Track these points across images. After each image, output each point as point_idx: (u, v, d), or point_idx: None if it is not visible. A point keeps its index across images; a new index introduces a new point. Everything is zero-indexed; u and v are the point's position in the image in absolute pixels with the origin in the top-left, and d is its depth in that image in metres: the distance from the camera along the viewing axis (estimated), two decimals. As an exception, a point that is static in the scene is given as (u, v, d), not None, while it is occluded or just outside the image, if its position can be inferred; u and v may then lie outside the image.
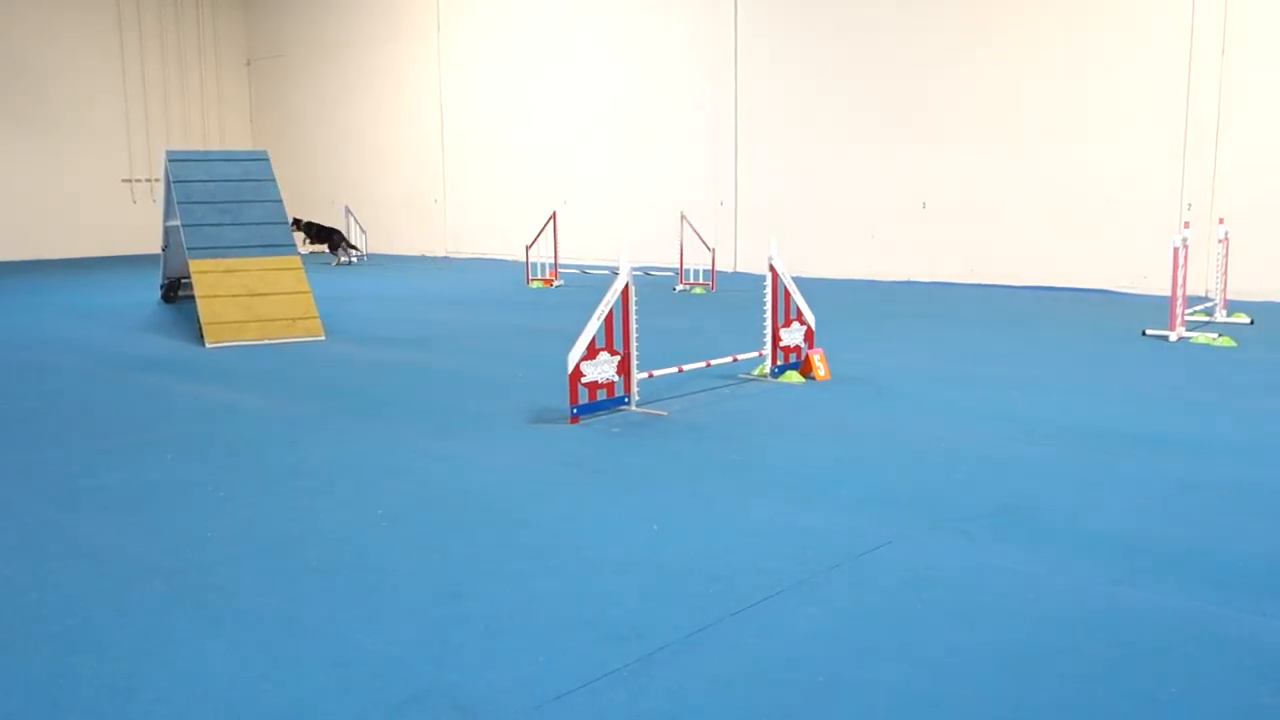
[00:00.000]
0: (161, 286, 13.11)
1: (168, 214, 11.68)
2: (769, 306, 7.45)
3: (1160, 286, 11.54)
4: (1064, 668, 3.08)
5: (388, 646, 3.28)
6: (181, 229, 10.50)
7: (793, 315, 7.62)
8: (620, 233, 17.22)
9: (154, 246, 14.24)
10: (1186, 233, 9.45)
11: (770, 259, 7.48)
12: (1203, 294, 11.66)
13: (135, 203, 22.69)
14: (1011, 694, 2.93)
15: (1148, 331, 9.41)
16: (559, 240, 15.37)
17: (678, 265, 14.50)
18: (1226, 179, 12.26)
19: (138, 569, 3.98)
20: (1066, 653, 3.18)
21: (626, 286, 6.45)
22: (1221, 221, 10.68)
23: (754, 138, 16.31)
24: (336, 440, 6.02)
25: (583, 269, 16.33)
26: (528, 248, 15.29)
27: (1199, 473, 5.09)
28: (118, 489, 5.09)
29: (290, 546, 4.21)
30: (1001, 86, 13.82)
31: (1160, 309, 10.04)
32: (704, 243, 14.22)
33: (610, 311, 6.36)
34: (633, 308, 6.49)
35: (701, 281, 14.14)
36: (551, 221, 15.16)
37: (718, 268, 14.66)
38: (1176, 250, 9.12)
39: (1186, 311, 9.49)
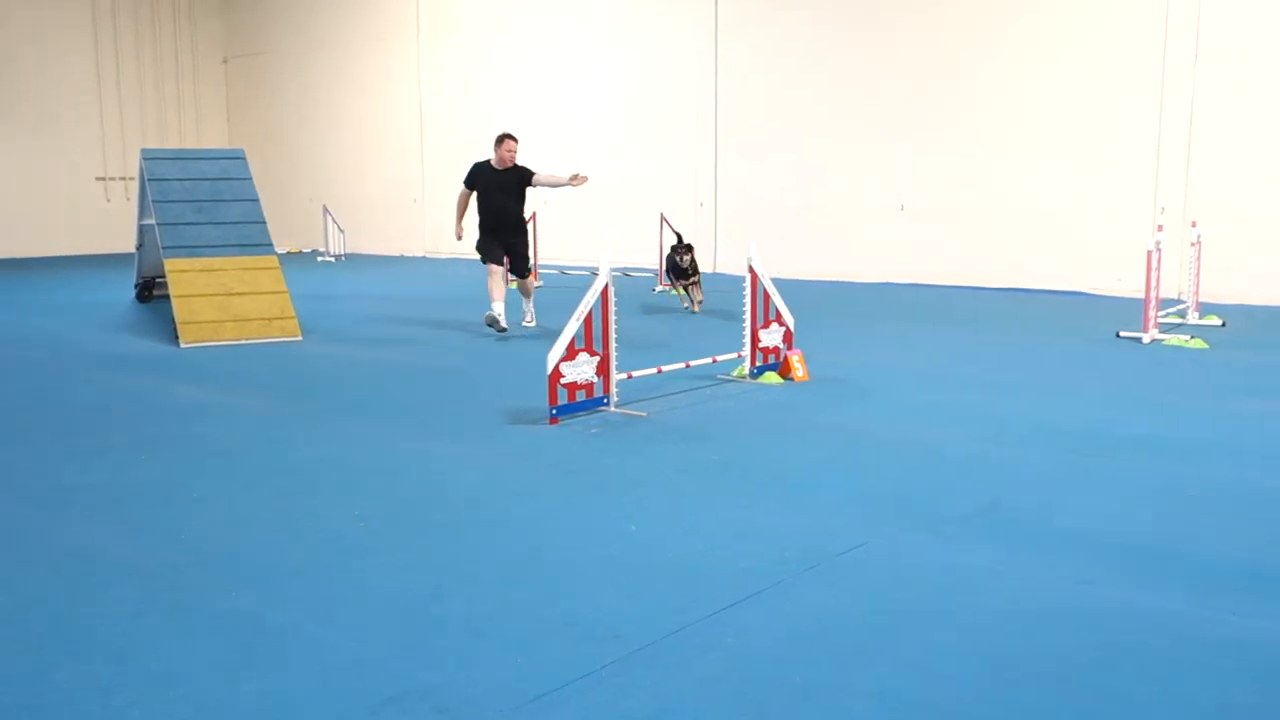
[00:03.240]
0: (136, 286, 13.01)
1: (143, 212, 11.59)
2: (748, 307, 7.46)
3: (1134, 289, 11.62)
4: (1042, 667, 3.10)
5: (366, 648, 3.26)
6: (157, 228, 10.43)
7: (771, 316, 7.64)
8: (600, 233, 17.21)
9: (128, 245, 14.14)
10: (1160, 236, 9.53)
11: (749, 260, 7.49)
12: (1175, 296, 11.76)
13: (109, 201, 22.50)
14: (989, 694, 2.95)
15: (1122, 334, 9.48)
16: (538, 241, 15.34)
17: (657, 266, 14.50)
18: (1199, 183, 12.37)
19: (113, 570, 3.95)
20: (1044, 652, 3.20)
21: (606, 287, 6.45)
22: (1194, 225, 10.77)
23: (733, 139, 16.34)
24: (314, 441, 5.99)
25: (562, 269, 16.31)
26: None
27: (1173, 473, 5.13)
28: (92, 489, 5.04)
29: (268, 547, 4.19)
30: (979, 90, 13.89)
31: (1134, 311, 10.12)
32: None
33: (589, 312, 6.35)
34: (612, 308, 6.49)
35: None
36: (531, 221, 15.12)
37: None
38: (1150, 253, 9.19)
39: (1160, 314, 9.56)
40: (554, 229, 17.38)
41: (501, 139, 10.27)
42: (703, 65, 16.49)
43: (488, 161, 10.34)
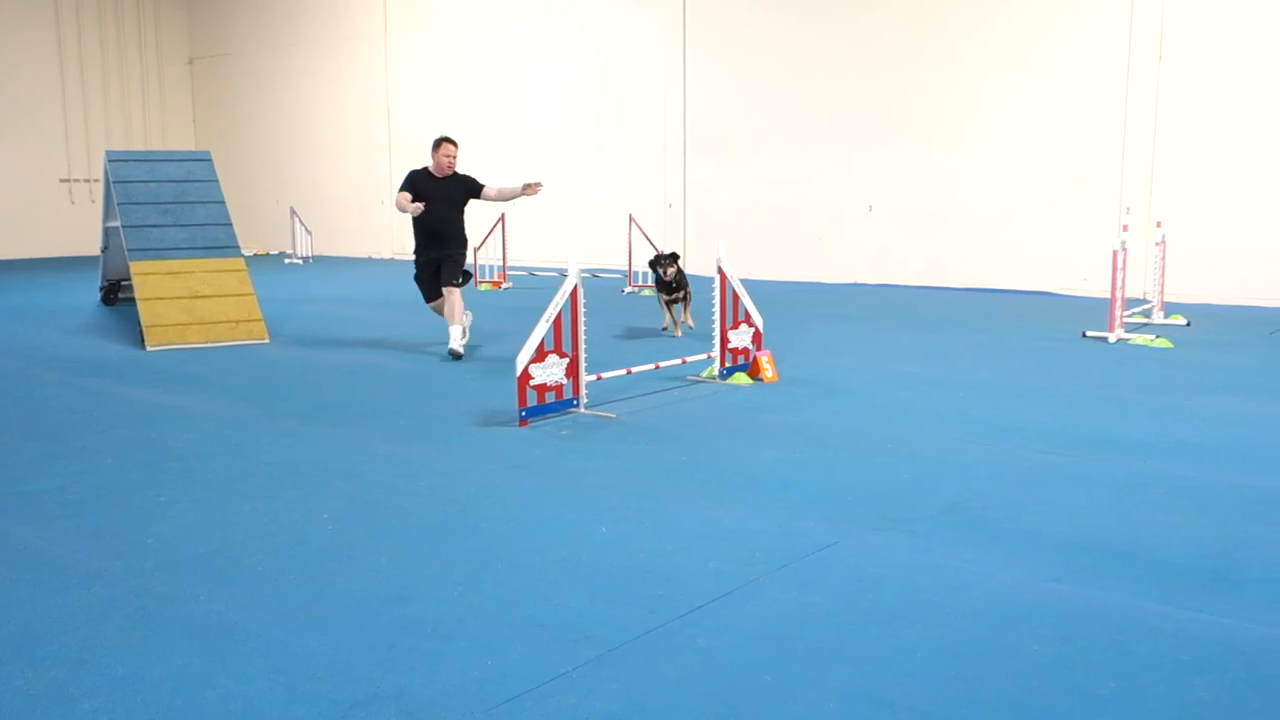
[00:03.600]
0: (101, 289, 12.88)
1: (107, 215, 11.49)
2: (717, 308, 7.48)
3: (1100, 289, 11.74)
4: (1008, 665, 3.13)
5: (334, 651, 3.24)
6: (122, 230, 10.33)
7: (741, 317, 7.66)
8: (569, 235, 17.20)
9: (93, 248, 13.99)
10: (1125, 236, 9.62)
11: (719, 261, 7.51)
12: (1141, 296, 11.88)
13: (74, 203, 22.26)
14: (957, 691, 2.97)
15: (1088, 333, 9.57)
16: (507, 242, 15.32)
17: (626, 267, 14.51)
18: (1163, 183, 12.51)
19: (77, 575, 3.91)
20: (1011, 650, 3.22)
21: (575, 288, 6.44)
22: (1159, 225, 10.89)
23: (702, 140, 16.37)
24: (281, 444, 5.95)
25: (531, 271, 16.28)
26: (476, 250, 15.22)
27: (1139, 472, 5.18)
28: (57, 494, 4.99)
29: (234, 551, 4.15)
30: (945, 91, 13.99)
31: (1100, 311, 10.22)
32: (652, 245, 14.22)
33: (559, 313, 6.35)
34: (581, 310, 6.48)
35: (650, 284, 14.13)
36: (500, 223, 15.11)
37: (666, 270, 14.66)
38: (1115, 253, 9.28)
39: (1125, 313, 9.66)
40: (523, 230, 17.34)
41: (439, 143, 9.06)
42: (671, 67, 16.51)
43: (425, 169, 9.09)
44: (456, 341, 8.73)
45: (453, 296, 8.88)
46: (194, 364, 8.65)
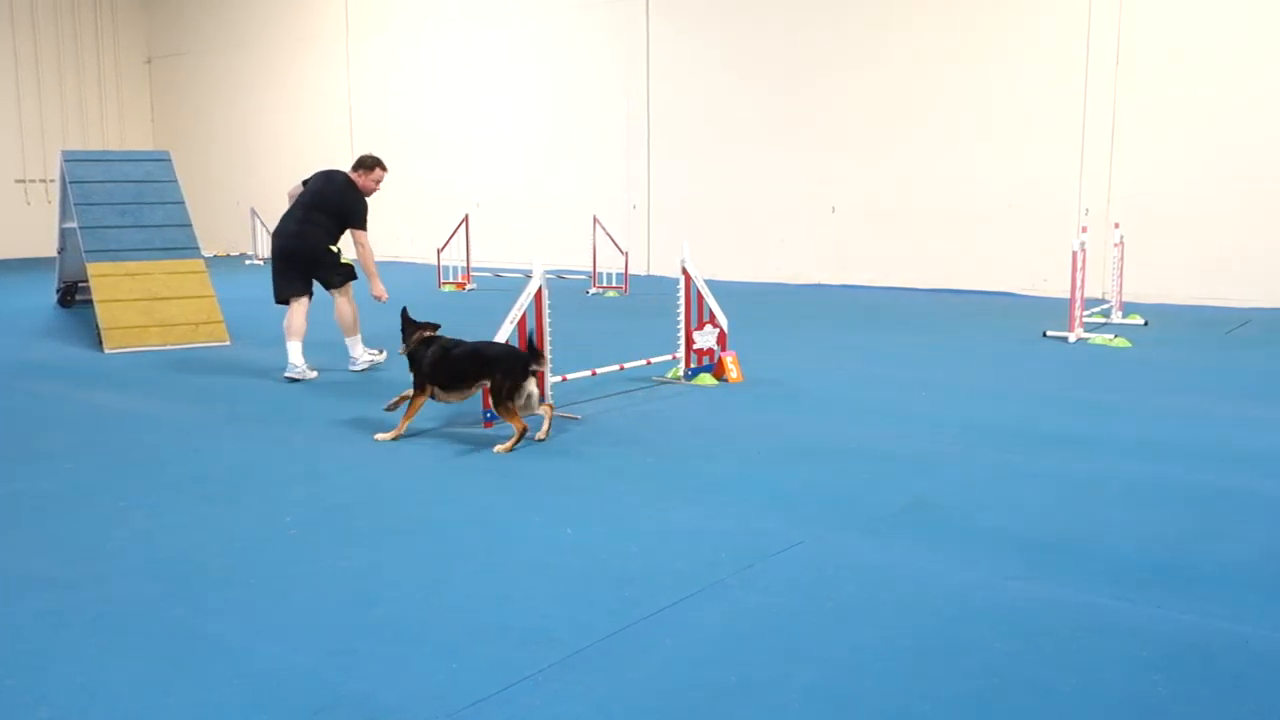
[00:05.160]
0: (58, 291, 12.70)
1: (64, 216, 11.33)
2: (682, 309, 7.49)
3: (1060, 289, 11.87)
4: (968, 662, 3.15)
5: (296, 656, 3.22)
6: (79, 231, 10.19)
7: (706, 318, 7.68)
8: (533, 236, 17.16)
9: (50, 249, 13.79)
10: (1084, 237, 9.73)
11: (683, 262, 7.52)
12: (1100, 296, 12.02)
13: (30, 204, 21.94)
14: (917, 689, 2.99)
15: (1048, 333, 9.67)
16: (471, 243, 15.27)
17: (591, 268, 14.50)
18: (1121, 185, 12.66)
19: (33, 582, 3.85)
20: (971, 648, 3.25)
21: (539, 290, 6.43)
22: (1117, 226, 11.02)
23: (666, 141, 16.39)
24: (242, 447, 5.89)
25: (495, 272, 16.23)
26: (439, 251, 15.15)
27: (1097, 470, 5.24)
28: (13, 499, 4.91)
29: (193, 556, 4.11)
30: (907, 94, 14.08)
31: (1060, 311, 10.32)
32: (617, 246, 14.25)
33: (523, 315, 6.33)
34: (546, 311, 6.47)
35: (615, 285, 14.15)
36: (463, 224, 15.06)
37: (631, 271, 14.69)
38: (1075, 254, 9.39)
39: (1085, 313, 9.77)
40: (487, 231, 17.29)
41: (380, 164, 9.25)
42: (635, 68, 16.52)
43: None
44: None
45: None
46: (153, 367, 8.56)
